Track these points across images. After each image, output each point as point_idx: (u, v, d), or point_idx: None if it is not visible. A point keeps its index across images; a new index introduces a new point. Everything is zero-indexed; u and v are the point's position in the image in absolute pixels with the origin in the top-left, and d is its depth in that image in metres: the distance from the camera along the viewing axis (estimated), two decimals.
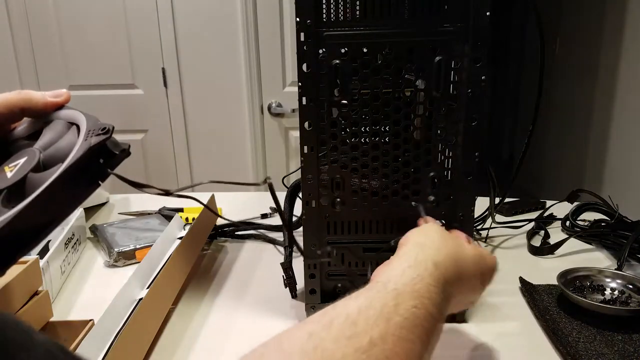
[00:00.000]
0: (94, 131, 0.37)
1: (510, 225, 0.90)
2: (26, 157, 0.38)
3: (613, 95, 2.27)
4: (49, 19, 1.98)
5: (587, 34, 2.56)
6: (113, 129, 0.37)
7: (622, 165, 2.22)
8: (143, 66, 2.03)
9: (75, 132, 0.39)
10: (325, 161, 0.56)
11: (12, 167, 0.37)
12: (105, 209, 1.03)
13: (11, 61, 2.02)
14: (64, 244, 0.73)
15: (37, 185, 0.34)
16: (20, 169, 0.37)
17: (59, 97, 0.45)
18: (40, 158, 0.38)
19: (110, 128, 0.37)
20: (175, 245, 0.72)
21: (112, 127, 0.37)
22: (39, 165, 0.37)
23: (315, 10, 0.51)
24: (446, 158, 0.56)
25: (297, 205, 0.63)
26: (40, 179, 0.35)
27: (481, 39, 0.51)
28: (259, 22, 1.96)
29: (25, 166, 0.37)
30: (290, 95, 2.04)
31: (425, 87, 0.53)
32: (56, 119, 0.43)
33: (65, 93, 0.45)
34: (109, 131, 0.37)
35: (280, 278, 0.66)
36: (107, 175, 0.37)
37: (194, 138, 2.13)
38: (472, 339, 0.58)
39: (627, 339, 0.54)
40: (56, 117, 0.43)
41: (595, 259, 0.77)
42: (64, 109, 0.44)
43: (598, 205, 0.91)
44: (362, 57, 0.52)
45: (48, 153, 0.38)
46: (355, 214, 0.58)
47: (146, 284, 0.61)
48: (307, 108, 0.53)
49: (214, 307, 0.66)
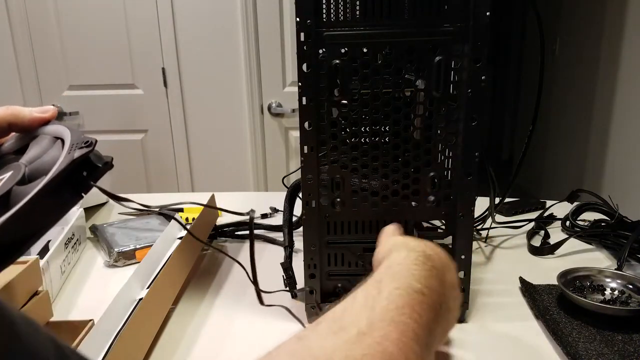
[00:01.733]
0: (78, 144, 0.38)
1: (510, 225, 0.90)
2: (12, 171, 0.39)
3: (613, 96, 2.27)
4: (49, 19, 1.98)
5: (587, 34, 2.56)
6: (96, 143, 0.39)
7: (622, 165, 2.22)
8: (143, 66, 2.03)
9: (60, 146, 0.41)
10: (325, 161, 0.56)
11: None
12: (105, 209, 1.03)
13: (11, 61, 2.02)
14: (64, 244, 0.73)
15: (21, 197, 0.35)
16: (6, 182, 0.38)
17: (45, 112, 0.46)
18: (26, 172, 0.39)
19: (93, 142, 0.38)
20: (175, 245, 0.72)
21: (95, 141, 0.39)
22: (23, 179, 0.38)
23: (315, 10, 0.51)
24: (446, 158, 0.56)
25: (297, 205, 0.63)
26: (24, 191, 0.36)
27: (481, 39, 0.51)
28: (259, 22, 1.96)
29: (11, 180, 0.38)
30: (290, 95, 2.04)
31: (425, 87, 0.53)
32: (42, 134, 0.44)
33: (52, 109, 0.46)
34: (92, 144, 0.38)
35: (280, 278, 0.66)
36: (90, 187, 0.39)
37: (194, 138, 2.13)
38: (472, 339, 0.58)
39: (627, 339, 0.54)
40: (42, 132, 0.44)
41: (595, 259, 0.77)
42: (50, 124, 0.45)
43: (598, 205, 0.91)
44: (362, 57, 0.52)
45: (33, 167, 0.39)
46: (355, 214, 0.58)
47: (146, 284, 0.61)
48: (307, 108, 0.53)
49: (214, 307, 0.66)
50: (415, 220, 0.58)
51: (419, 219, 0.59)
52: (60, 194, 0.37)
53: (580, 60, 2.64)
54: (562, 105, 2.90)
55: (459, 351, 0.55)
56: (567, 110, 2.85)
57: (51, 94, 2.07)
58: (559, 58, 2.93)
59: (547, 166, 3.19)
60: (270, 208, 0.99)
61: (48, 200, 0.36)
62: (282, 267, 0.65)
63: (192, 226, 0.74)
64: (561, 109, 2.92)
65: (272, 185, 2.16)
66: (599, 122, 2.42)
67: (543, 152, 3.20)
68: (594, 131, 2.49)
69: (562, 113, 2.91)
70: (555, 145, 3.05)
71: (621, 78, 2.22)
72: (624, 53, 2.19)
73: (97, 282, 0.73)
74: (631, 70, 2.14)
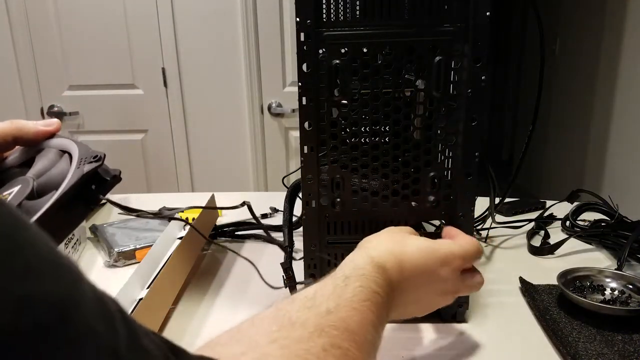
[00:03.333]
0: (86, 159, 0.39)
1: (510, 225, 0.90)
2: (20, 185, 0.39)
3: (613, 96, 2.27)
4: (49, 19, 1.98)
5: (587, 34, 2.56)
6: (104, 157, 0.39)
7: (622, 165, 2.22)
8: (143, 66, 2.03)
9: (67, 160, 0.41)
10: (325, 161, 0.56)
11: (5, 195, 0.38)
12: (105, 209, 1.03)
13: (11, 61, 2.02)
14: (64, 244, 0.73)
15: (32, 212, 0.35)
16: (15, 196, 0.38)
17: (50, 126, 0.46)
18: (34, 186, 0.39)
19: (102, 156, 0.39)
20: (175, 245, 0.72)
21: (103, 155, 0.39)
22: (32, 193, 0.38)
23: (315, 10, 0.51)
24: (446, 158, 0.56)
25: (297, 205, 0.63)
26: (35, 206, 0.36)
27: (481, 39, 0.51)
28: (259, 22, 1.96)
29: (19, 194, 0.38)
30: (290, 95, 2.04)
31: (425, 87, 0.53)
32: (47, 147, 0.44)
33: (56, 122, 0.47)
34: (101, 159, 0.39)
35: (281, 278, 0.66)
36: (100, 200, 0.39)
37: (193, 138, 2.13)
38: (472, 339, 0.58)
39: (627, 339, 0.54)
40: (47, 145, 0.44)
41: (595, 259, 0.77)
42: (55, 137, 0.45)
43: (598, 205, 0.91)
44: (362, 57, 0.52)
45: (41, 181, 0.39)
46: (355, 214, 0.58)
47: (146, 284, 0.61)
48: (307, 108, 0.53)
49: (214, 307, 0.66)
50: (415, 220, 0.58)
51: (419, 219, 0.59)
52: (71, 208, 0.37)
53: (580, 61, 2.65)
54: (562, 105, 2.90)
55: (459, 351, 0.55)
56: (567, 110, 2.85)
57: (51, 94, 2.07)
58: (559, 58, 2.93)
59: (547, 166, 3.19)
60: (270, 208, 0.99)
61: (59, 214, 0.36)
62: (282, 267, 0.65)
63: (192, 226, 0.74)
64: (561, 109, 2.92)
65: (272, 185, 2.16)
66: (599, 121, 2.42)
67: (543, 152, 3.20)
68: (594, 131, 2.49)
69: (562, 113, 2.91)
70: (555, 145, 3.05)
71: (621, 78, 2.22)
72: (624, 53, 2.19)
73: (97, 282, 0.72)
74: (631, 70, 2.14)
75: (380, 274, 0.42)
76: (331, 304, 0.36)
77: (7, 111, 2.04)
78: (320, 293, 0.37)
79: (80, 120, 2.10)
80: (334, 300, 0.36)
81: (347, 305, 0.36)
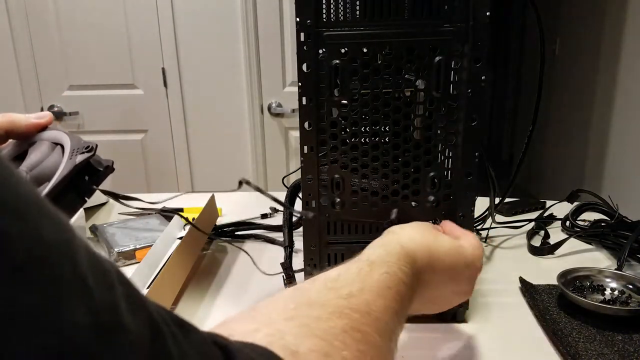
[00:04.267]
0: (78, 150, 0.39)
1: (510, 225, 0.90)
2: None
3: (613, 96, 2.27)
4: (49, 19, 1.98)
5: (587, 34, 2.56)
6: (96, 147, 0.39)
7: (622, 165, 2.22)
8: (143, 66, 2.03)
9: (59, 151, 0.41)
10: (325, 161, 0.56)
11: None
12: (105, 209, 1.03)
13: (11, 61, 2.02)
14: None
15: None
16: None
17: (41, 118, 0.46)
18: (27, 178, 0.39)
19: (94, 146, 0.39)
20: (175, 245, 0.72)
21: (95, 145, 0.39)
22: None
23: (315, 10, 0.51)
24: (446, 158, 0.56)
25: (297, 205, 0.63)
26: None
27: (481, 39, 0.51)
28: (259, 22, 1.96)
29: None
30: (290, 95, 2.04)
31: (425, 87, 0.53)
32: (40, 140, 0.44)
33: (48, 115, 0.47)
34: (93, 149, 0.39)
35: (281, 278, 0.66)
36: (93, 191, 0.39)
37: (193, 138, 2.13)
38: (472, 339, 0.58)
39: (627, 339, 0.54)
40: (40, 138, 0.44)
41: (595, 259, 0.77)
42: (47, 130, 0.45)
43: (598, 205, 0.91)
44: (362, 57, 0.52)
45: (34, 173, 0.39)
46: (355, 214, 0.58)
47: (146, 284, 0.61)
48: (307, 108, 0.53)
49: (214, 307, 0.66)
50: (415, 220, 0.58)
51: (419, 219, 0.59)
52: (64, 199, 0.38)
53: (580, 61, 2.64)
54: (562, 105, 2.90)
55: (459, 351, 0.55)
56: (567, 110, 2.85)
57: (51, 94, 2.07)
58: (559, 58, 2.93)
59: (547, 166, 3.19)
60: (270, 208, 0.99)
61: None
62: (282, 267, 0.65)
63: (192, 226, 0.74)
64: (561, 109, 2.92)
65: (272, 185, 2.16)
66: (599, 122, 2.42)
67: (543, 152, 3.20)
68: (594, 131, 2.49)
69: (562, 113, 2.91)
70: (555, 145, 3.05)
71: (621, 78, 2.22)
72: (624, 53, 2.19)
73: None
74: (631, 70, 2.14)
75: (409, 264, 0.41)
76: (354, 287, 0.35)
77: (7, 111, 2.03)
78: (344, 276, 0.36)
79: (80, 120, 2.10)
80: (357, 284, 0.35)
81: (371, 290, 0.35)
